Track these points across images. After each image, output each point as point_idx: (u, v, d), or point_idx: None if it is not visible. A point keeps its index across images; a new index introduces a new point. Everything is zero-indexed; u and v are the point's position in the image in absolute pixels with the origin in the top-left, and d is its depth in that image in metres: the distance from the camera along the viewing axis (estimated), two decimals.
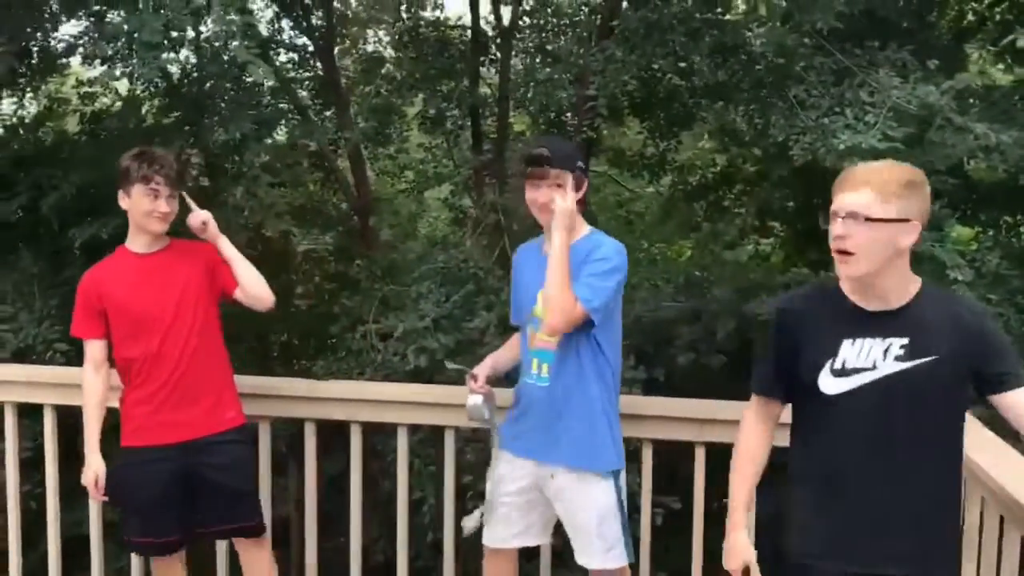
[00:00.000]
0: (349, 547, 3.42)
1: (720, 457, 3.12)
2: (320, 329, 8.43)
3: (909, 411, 2.04)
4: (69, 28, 9.63)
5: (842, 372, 2.07)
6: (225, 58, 6.63)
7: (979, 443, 2.55)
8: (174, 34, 5.07)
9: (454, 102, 9.23)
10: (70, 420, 3.41)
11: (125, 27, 5.00)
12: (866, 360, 2.05)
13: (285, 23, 9.82)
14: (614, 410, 2.78)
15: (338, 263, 10.16)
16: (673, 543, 5.69)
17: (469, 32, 9.62)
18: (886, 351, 2.04)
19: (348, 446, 3.31)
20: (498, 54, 9.53)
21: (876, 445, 2.06)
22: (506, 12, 9.59)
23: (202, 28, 6.40)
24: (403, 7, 8.90)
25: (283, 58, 9.92)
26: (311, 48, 9.77)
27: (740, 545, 2.24)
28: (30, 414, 3.58)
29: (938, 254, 5.59)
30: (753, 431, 2.31)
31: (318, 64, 9.80)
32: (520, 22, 9.79)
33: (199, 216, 3.02)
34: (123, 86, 8.63)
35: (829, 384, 2.08)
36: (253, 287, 3.02)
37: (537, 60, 10.01)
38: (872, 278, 2.06)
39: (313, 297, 10.32)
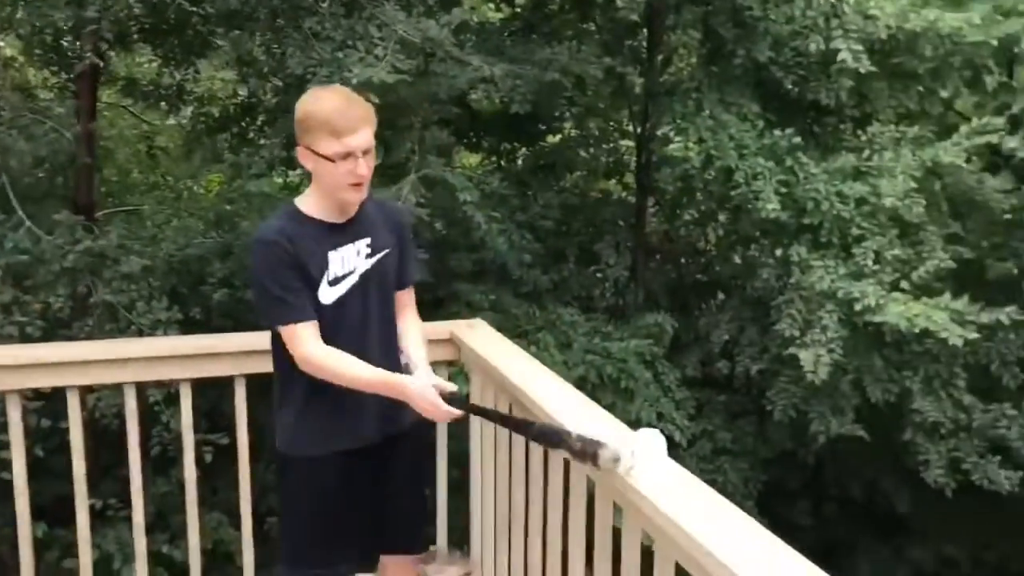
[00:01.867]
0: None
1: (260, 387, 3.18)
2: None
3: (382, 299, 2.39)
4: None
5: (335, 281, 2.30)
6: None
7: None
8: None
9: None
10: None
11: None
12: (349, 266, 2.32)
13: None
14: None
15: None
16: (221, 483, 5.67)
17: None
18: (358, 252, 2.34)
19: None
20: None
21: (357, 337, 2.31)
22: None
23: None
24: None
25: None
26: None
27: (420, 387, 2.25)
28: None
29: (449, 179, 6.12)
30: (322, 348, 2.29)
31: None
32: None
33: None
34: None
35: (327, 294, 2.29)
36: None
37: None
38: None
39: None
